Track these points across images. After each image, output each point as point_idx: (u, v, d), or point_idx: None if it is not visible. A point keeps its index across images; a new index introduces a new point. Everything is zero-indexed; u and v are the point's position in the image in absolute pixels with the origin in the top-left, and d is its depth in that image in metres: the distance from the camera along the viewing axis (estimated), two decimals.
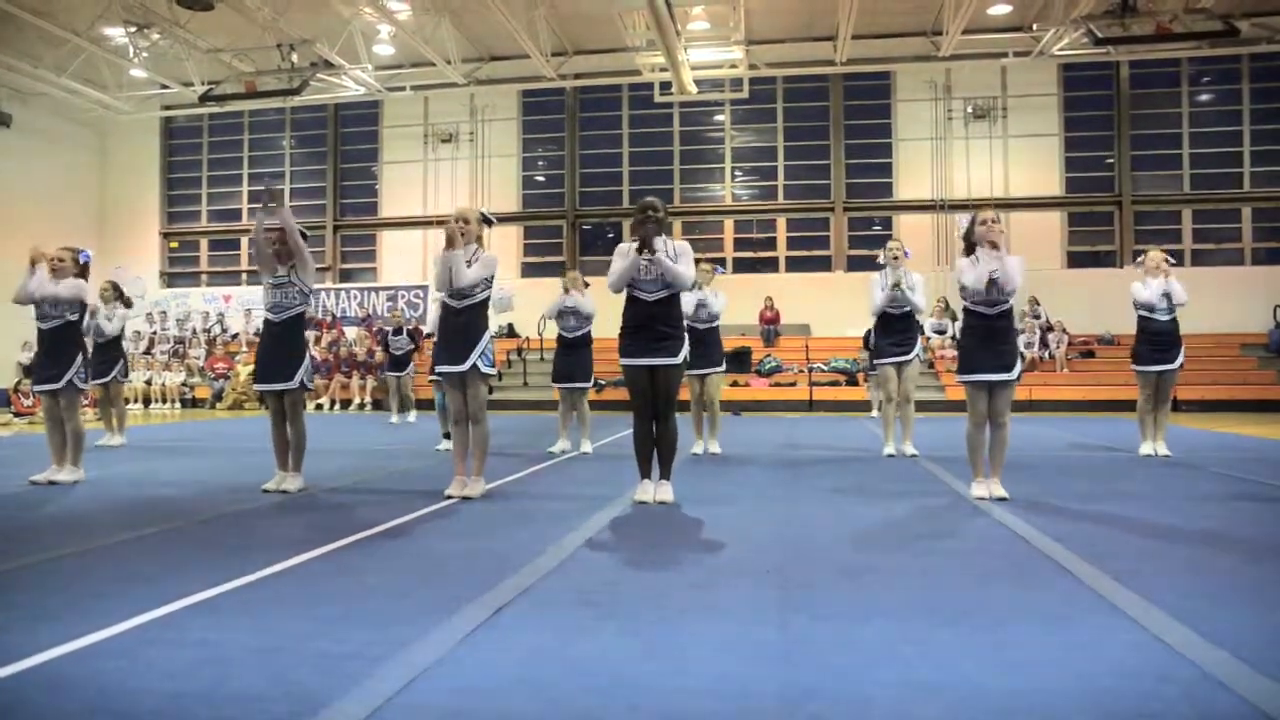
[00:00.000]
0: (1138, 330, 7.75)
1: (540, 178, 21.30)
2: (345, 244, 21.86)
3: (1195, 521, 4.67)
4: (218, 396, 17.89)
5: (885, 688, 2.24)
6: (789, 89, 20.00)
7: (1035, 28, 16.67)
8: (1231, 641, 2.51)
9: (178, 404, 18.16)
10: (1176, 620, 2.72)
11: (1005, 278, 5.10)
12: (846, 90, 19.72)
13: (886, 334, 7.65)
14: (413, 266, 20.97)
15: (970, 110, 19.24)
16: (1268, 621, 2.83)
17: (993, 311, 5.24)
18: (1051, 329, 17.27)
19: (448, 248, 5.31)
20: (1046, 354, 17.00)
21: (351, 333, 19.59)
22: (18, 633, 2.67)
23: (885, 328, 7.65)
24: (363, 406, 17.31)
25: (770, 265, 20.21)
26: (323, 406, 17.23)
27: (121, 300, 9.06)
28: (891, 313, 7.58)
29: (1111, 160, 19.16)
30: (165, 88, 19.12)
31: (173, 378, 18.51)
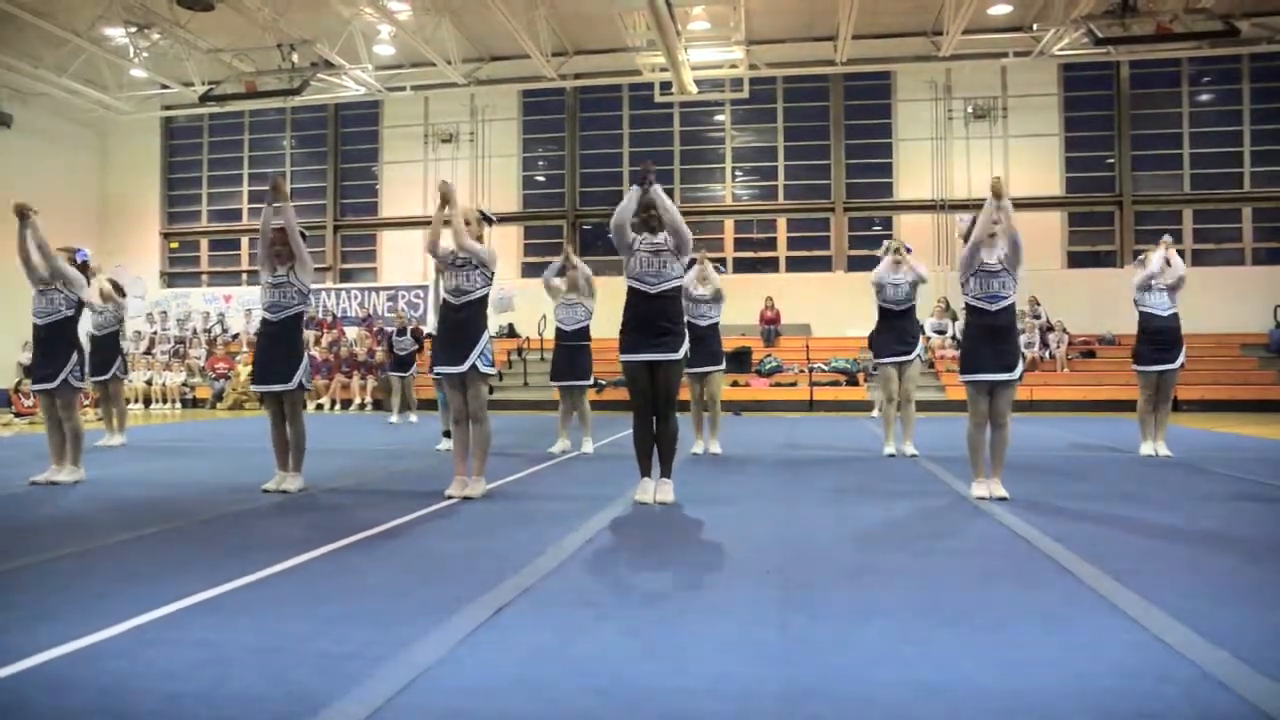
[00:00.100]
0: (1139, 329, 7.74)
1: (540, 178, 21.30)
2: (345, 244, 21.86)
3: (1196, 521, 4.67)
4: (218, 396, 17.89)
5: (885, 688, 2.24)
6: (789, 89, 19.99)
7: (1035, 28, 16.65)
8: (1232, 641, 2.51)
9: (178, 404, 18.16)
10: (1177, 620, 2.72)
11: (1004, 239, 5.17)
12: (847, 90, 19.71)
13: (888, 332, 7.59)
14: (413, 266, 20.95)
15: (970, 110, 19.23)
16: (1268, 621, 2.83)
17: (994, 308, 5.23)
18: (1052, 329, 17.26)
19: (441, 207, 5.33)
20: (1047, 354, 16.99)
21: (352, 333, 19.58)
22: (18, 633, 2.67)
23: (887, 326, 7.59)
24: (363, 406, 17.31)
25: (771, 265, 20.19)
26: (323, 406, 17.23)
27: (118, 291, 8.95)
28: (893, 309, 7.54)
29: (1112, 160, 19.15)
30: (166, 88, 19.11)
31: (173, 378, 18.51)
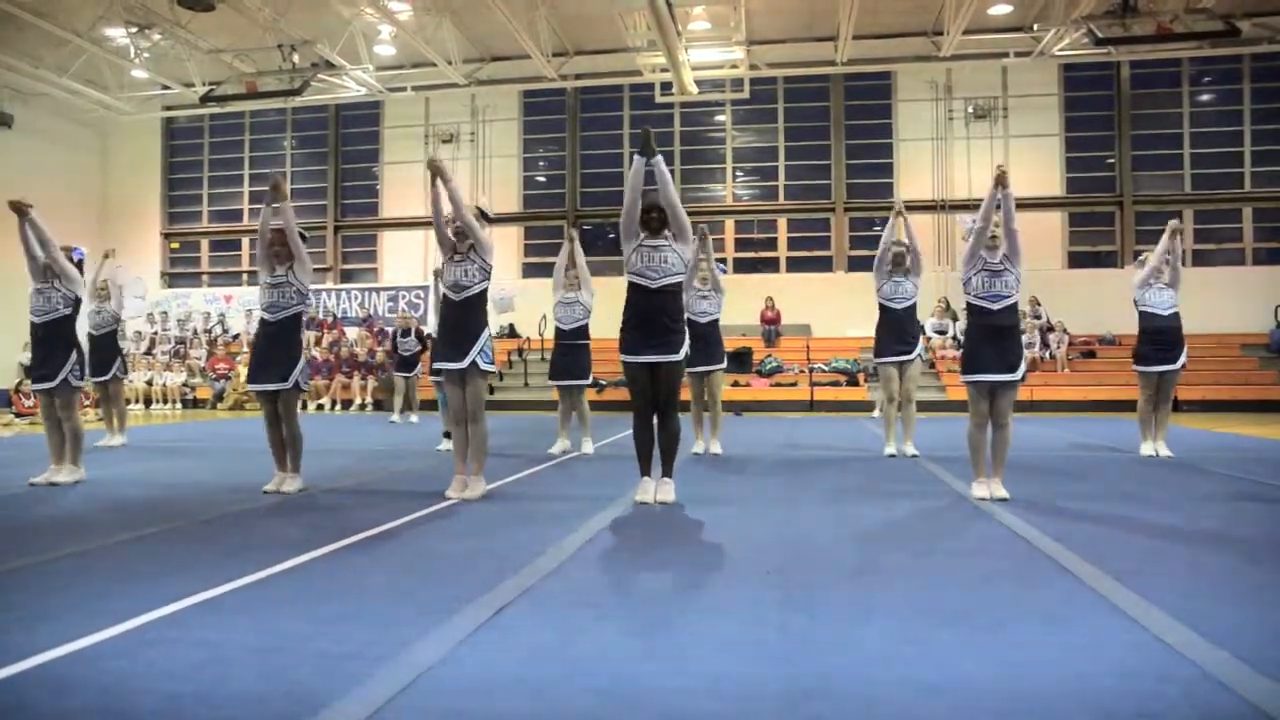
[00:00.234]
0: (1139, 329, 7.72)
1: (541, 178, 21.30)
2: (346, 244, 21.86)
3: (1196, 522, 4.67)
4: (219, 397, 17.90)
5: (886, 688, 2.24)
6: (790, 89, 19.99)
7: (1036, 28, 16.65)
8: (1232, 642, 2.50)
9: (179, 404, 18.17)
10: (1177, 620, 2.71)
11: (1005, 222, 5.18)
12: (847, 90, 19.71)
13: (889, 332, 7.59)
14: (414, 267, 20.96)
15: (971, 110, 19.23)
16: (1268, 621, 2.83)
17: (996, 307, 5.22)
18: (1052, 329, 17.26)
19: (433, 183, 5.33)
20: (1047, 354, 16.98)
21: (352, 333, 19.58)
22: (18, 633, 2.67)
23: (887, 324, 7.58)
24: (363, 407, 17.31)
25: (771, 265, 20.20)
26: (324, 407, 17.24)
27: (114, 284, 8.92)
28: (894, 308, 7.53)
29: (1112, 160, 19.15)
30: (166, 88, 19.12)
31: (174, 378, 18.51)
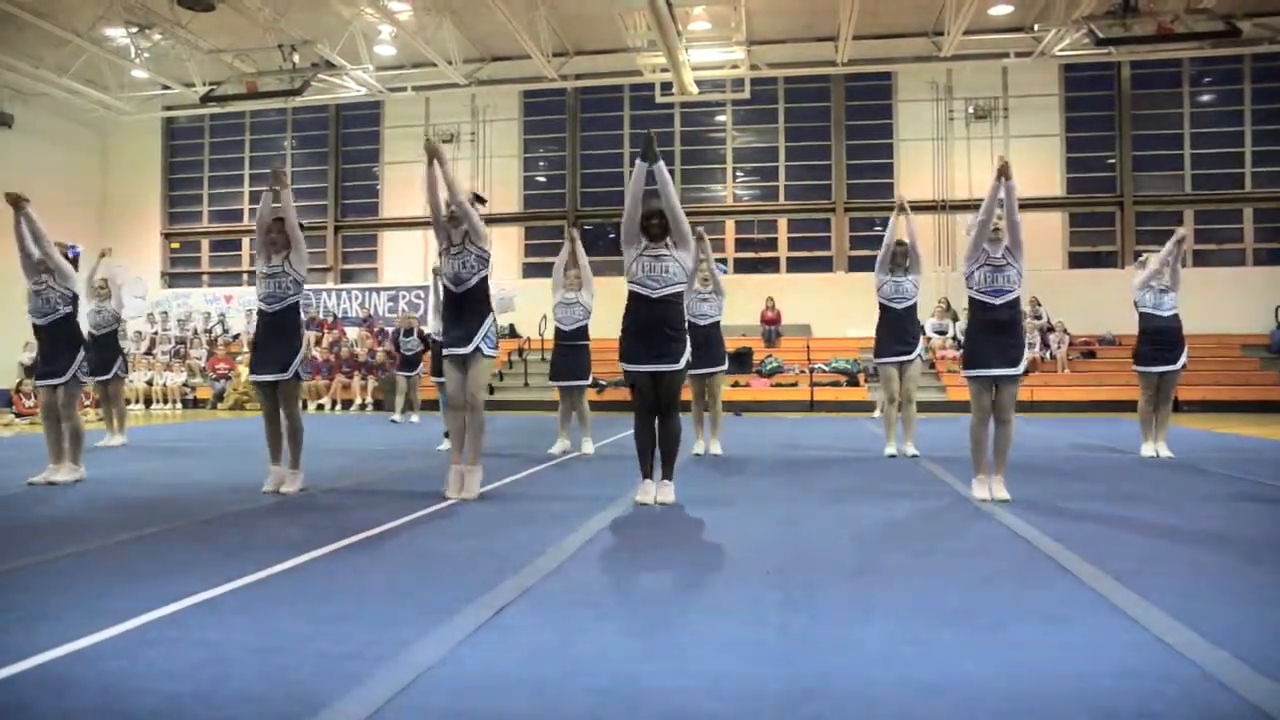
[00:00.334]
0: (1140, 329, 7.72)
1: (541, 178, 21.30)
2: (346, 244, 21.86)
3: (1196, 522, 4.67)
4: (219, 397, 17.89)
5: (886, 688, 2.24)
6: (790, 89, 19.98)
7: (1036, 28, 16.64)
8: (1232, 642, 2.50)
9: (179, 404, 18.17)
10: (1177, 620, 2.71)
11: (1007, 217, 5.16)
12: (848, 91, 19.71)
13: (889, 332, 7.59)
14: (414, 267, 20.96)
15: (971, 110, 19.22)
16: (1268, 621, 2.83)
17: (998, 302, 5.21)
18: (1052, 329, 17.25)
19: (430, 165, 5.31)
20: (1047, 354, 16.97)
21: (353, 333, 19.58)
22: (18, 633, 2.67)
23: (887, 324, 7.58)
24: (364, 407, 17.30)
25: (771, 265, 20.19)
26: (324, 407, 17.24)
27: (114, 284, 8.94)
28: (894, 307, 7.53)
29: (1113, 161, 19.14)
30: (166, 88, 19.12)
31: (174, 378, 18.51)
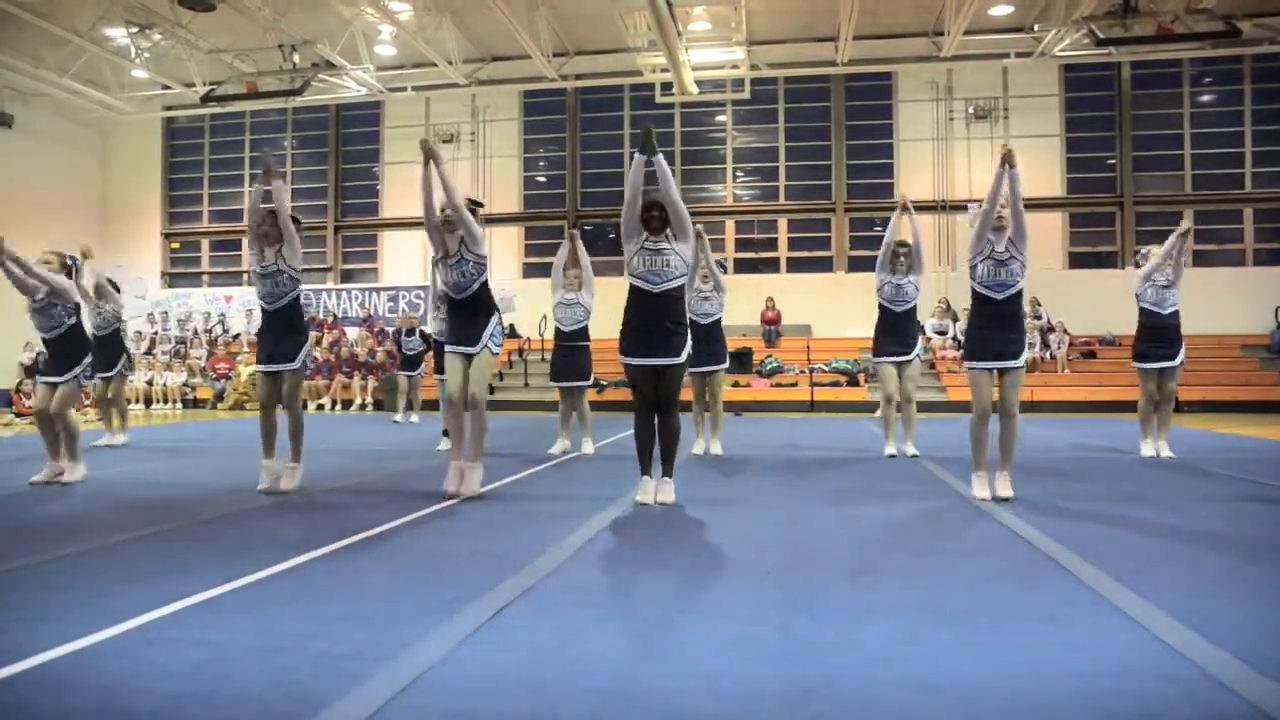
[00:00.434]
0: (1139, 325, 7.72)
1: (541, 178, 21.30)
2: (346, 244, 21.86)
3: (1196, 522, 4.66)
4: (219, 397, 17.90)
5: (886, 688, 2.24)
6: (790, 89, 19.99)
7: (1037, 28, 16.65)
8: (1233, 642, 2.50)
9: (179, 404, 18.17)
10: (1177, 620, 2.71)
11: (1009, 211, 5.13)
12: (848, 91, 19.71)
13: (887, 332, 7.60)
14: (414, 267, 20.96)
15: (971, 111, 19.22)
16: (1269, 622, 2.83)
17: (1000, 296, 5.19)
18: (1053, 329, 17.25)
19: (426, 165, 5.32)
20: (1047, 354, 16.98)
21: (353, 333, 19.59)
22: (19, 633, 2.67)
23: (885, 325, 7.59)
24: (364, 407, 17.31)
25: (771, 266, 20.19)
26: (324, 407, 17.24)
27: (113, 287, 8.96)
28: (894, 309, 7.54)
29: (1113, 161, 19.14)
30: (167, 88, 19.12)
31: (174, 378, 18.52)
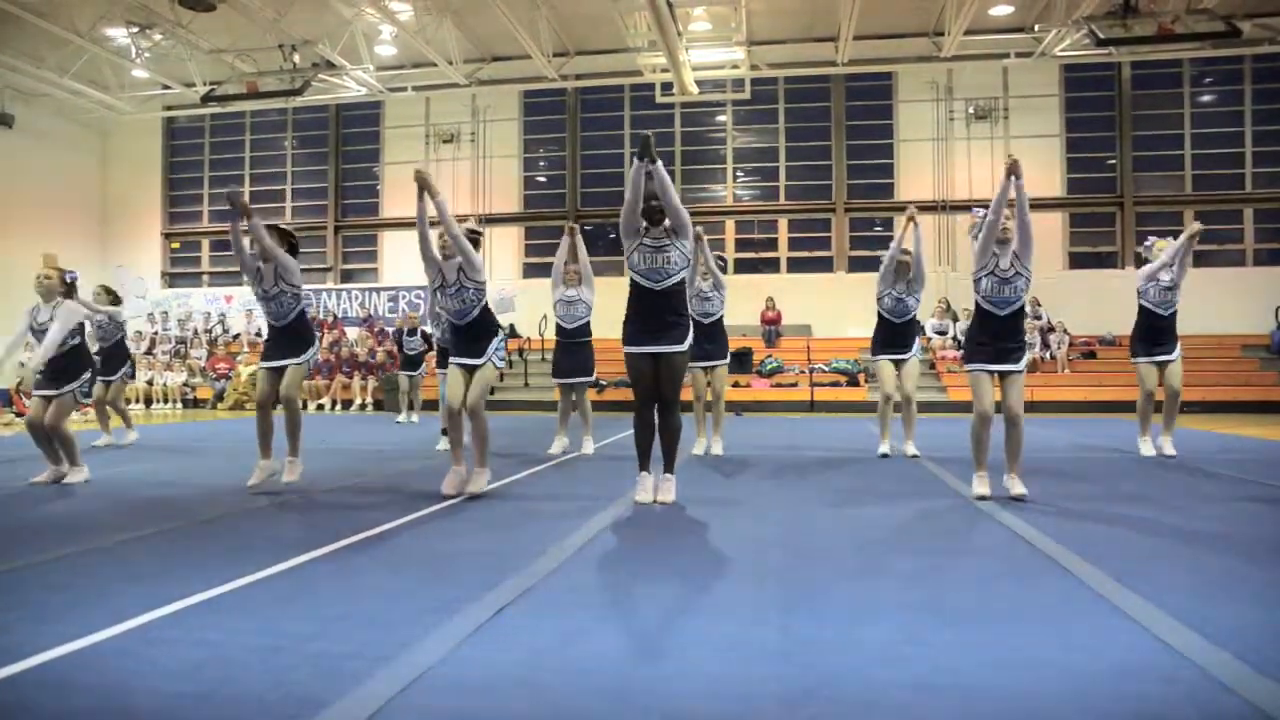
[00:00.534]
0: (1136, 324, 7.72)
1: (542, 178, 21.30)
2: (347, 244, 21.86)
3: (1196, 522, 4.66)
4: (219, 397, 17.89)
5: (886, 688, 2.24)
6: (790, 89, 19.98)
7: (1037, 28, 16.65)
8: (1234, 642, 2.50)
9: (179, 404, 18.18)
10: (1178, 621, 2.71)
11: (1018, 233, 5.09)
12: (848, 91, 19.71)
13: (884, 337, 7.69)
14: (414, 267, 20.79)
15: (972, 111, 19.22)
16: (1270, 622, 2.83)
17: (1003, 313, 5.21)
18: (1053, 330, 17.24)
19: (420, 198, 5.32)
20: (1047, 355, 16.97)
21: (353, 333, 19.59)
22: (19, 633, 2.67)
23: (885, 330, 7.67)
24: (364, 407, 17.31)
25: (771, 266, 20.19)
26: (324, 407, 17.24)
27: (112, 299, 9.01)
28: (893, 320, 7.61)
29: (1113, 161, 19.14)
30: (167, 88, 19.13)
31: (174, 378, 18.52)
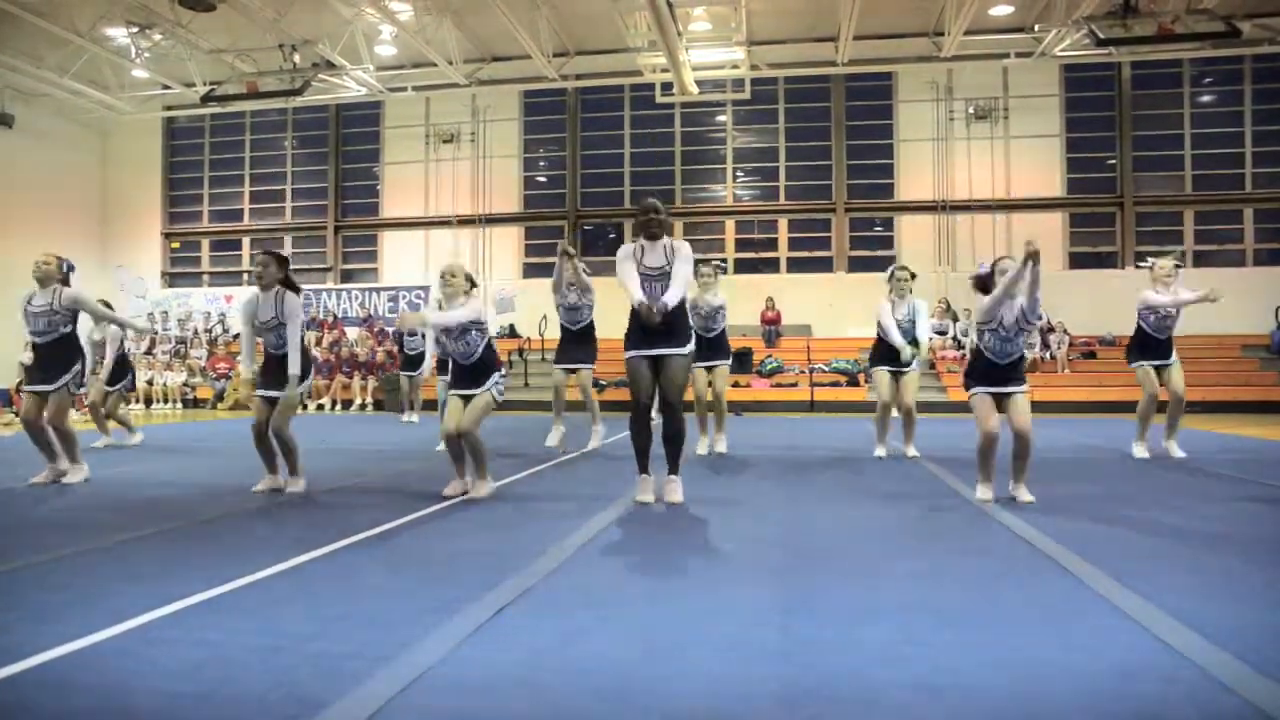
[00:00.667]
0: (1133, 335, 7.76)
1: (542, 178, 21.30)
2: (347, 244, 21.86)
3: (1197, 522, 4.66)
4: (219, 397, 17.90)
5: (886, 688, 2.24)
6: (790, 89, 19.99)
7: (1037, 28, 16.65)
8: (1234, 642, 2.50)
9: (179, 404, 18.18)
10: (1178, 621, 2.71)
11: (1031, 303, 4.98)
12: (848, 91, 19.71)
13: (884, 350, 7.72)
14: (414, 267, 20.98)
15: (972, 111, 19.23)
16: (1270, 622, 2.83)
17: (1004, 362, 5.13)
18: (1053, 330, 17.25)
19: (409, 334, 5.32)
20: (1048, 355, 16.98)
21: (353, 333, 19.60)
22: (19, 633, 2.67)
23: (885, 345, 7.70)
24: (364, 407, 17.31)
25: (771, 266, 20.20)
26: (324, 407, 17.24)
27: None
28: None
29: (1113, 161, 19.14)
30: (167, 88, 19.14)
31: (174, 378, 18.52)
